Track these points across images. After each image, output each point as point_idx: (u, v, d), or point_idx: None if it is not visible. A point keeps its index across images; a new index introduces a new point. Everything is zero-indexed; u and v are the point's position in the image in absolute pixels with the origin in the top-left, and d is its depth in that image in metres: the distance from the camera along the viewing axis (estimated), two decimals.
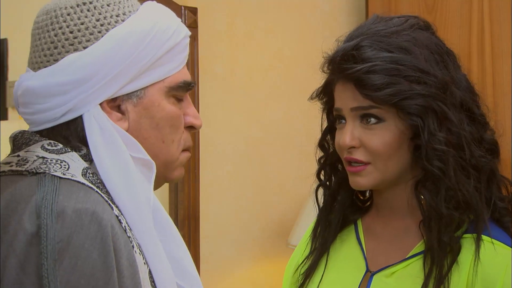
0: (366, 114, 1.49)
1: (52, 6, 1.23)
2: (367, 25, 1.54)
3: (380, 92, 1.45)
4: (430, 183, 1.48)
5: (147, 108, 1.24)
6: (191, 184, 2.69)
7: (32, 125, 1.24)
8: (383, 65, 1.46)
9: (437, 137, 1.46)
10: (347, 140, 1.49)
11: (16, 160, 1.18)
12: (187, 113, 1.30)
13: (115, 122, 1.21)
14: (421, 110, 1.46)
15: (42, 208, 1.07)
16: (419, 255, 1.51)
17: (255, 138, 2.95)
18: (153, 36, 1.22)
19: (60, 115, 1.20)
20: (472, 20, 2.73)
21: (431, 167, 1.46)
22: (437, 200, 1.47)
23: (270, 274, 2.97)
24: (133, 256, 1.13)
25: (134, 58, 1.20)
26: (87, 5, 1.22)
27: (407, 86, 1.45)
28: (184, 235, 2.66)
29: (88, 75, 1.18)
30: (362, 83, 1.46)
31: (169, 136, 1.26)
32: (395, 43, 1.49)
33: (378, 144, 1.48)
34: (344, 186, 1.62)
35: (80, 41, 1.20)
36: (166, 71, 1.25)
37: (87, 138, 1.20)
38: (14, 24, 3.04)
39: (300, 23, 3.07)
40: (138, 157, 1.21)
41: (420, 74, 1.47)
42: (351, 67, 1.47)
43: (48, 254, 1.05)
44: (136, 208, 1.17)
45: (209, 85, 2.77)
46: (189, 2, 2.72)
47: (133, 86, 1.22)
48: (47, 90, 1.19)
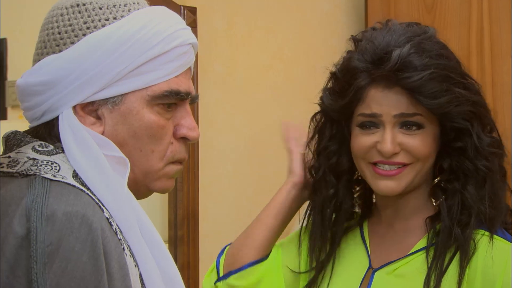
0: (408, 121, 1.50)
1: (56, 5, 1.23)
2: (398, 33, 1.52)
3: (437, 100, 1.47)
4: (474, 181, 1.52)
5: (124, 115, 1.21)
6: (191, 184, 2.69)
7: (28, 120, 1.26)
8: (438, 72, 1.47)
9: (484, 140, 1.51)
10: (389, 146, 1.49)
11: (7, 162, 1.17)
12: (181, 124, 1.26)
13: (89, 126, 1.19)
14: (470, 114, 1.50)
15: (32, 211, 1.07)
16: (421, 251, 1.54)
17: (254, 138, 2.95)
18: (133, 43, 1.19)
19: (39, 115, 1.21)
20: (471, 20, 2.73)
21: (479, 166, 1.51)
22: (480, 197, 1.51)
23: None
24: (124, 258, 1.13)
25: (109, 63, 1.18)
26: (79, 7, 1.21)
27: (458, 93, 1.48)
28: (183, 234, 2.66)
29: (60, 77, 1.18)
30: (420, 91, 1.47)
31: (147, 146, 1.23)
32: (433, 50, 1.50)
33: (420, 147, 1.51)
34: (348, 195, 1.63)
35: (65, 42, 1.19)
36: (149, 80, 1.21)
37: (61, 139, 1.19)
38: (13, 23, 3.04)
39: (299, 22, 3.06)
40: (111, 155, 1.18)
41: (464, 80, 1.51)
42: (410, 75, 1.46)
43: (37, 257, 1.04)
44: (115, 203, 1.16)
45: (208, 84, 2.76)
46: (188, 1, 2.71)
47: (109, 91, 1.19)
48: (27, 88, 1.21)
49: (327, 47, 3.05)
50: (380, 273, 1.56)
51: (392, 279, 1.55)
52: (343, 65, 1.57)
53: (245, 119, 2.93)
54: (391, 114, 1.50)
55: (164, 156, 1.25)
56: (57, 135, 1.20)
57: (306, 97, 3.16)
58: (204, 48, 2.76)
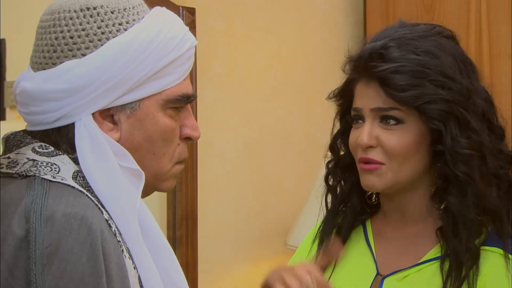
0: (386, 115, 1.49)
1: (57, 7, 1.21)
2: (394, 28, 1.54)
3: (405, 93, 1.45)
4: (456, 188, 1.48)
5: (141, 120, 1.22)
6: (189, 184, 2.68)
7: (28, 124, 1.23)
8: (410, 67, 1.46)
9: (460, 142, 1.46)
10: (365, 138, 1.49)
11: (7, 162, 1.17)
12: (184, 124, 1.27)
13: (106, 132, 1.20)
14: (444, 115, 1.46)
15: (31, 212, 1.07)
16: (434, 260, 1.51)
17: (253, 138, 2.95)
18: (153, 48, 1.20)
19: (52, 120, 1.19)
20: (469, 21, 2.73)
21: (456, 172, 1.46)
22: (465, 205, 1.47)
23: None
24: (123, 260, 1.13)
25: (131, 70, 1.18)
26: (90, 11, 1.19)
27: (432, 90, 1.46)
28: (182, 235, 2.66)
29: (83, 85, 1.17)
30: (387, 83, 1.46)
31: (160, 149, 1.24)
32: (422, 47, 1.49)
33: (396, 144, 1.48)
34: (356, 190, 1.61)
35: (79, 47, 1.18)
36: (164, 84, 1.22)
37: (76, 145, 1.18)
38: (12, 24, 3.04)
39: (298, 23, 3.06)
40: (127, 166, 1.19)
41: (446, 79, 1.47)
42: (379, 65, 1.47)
43: (36, 258, 1.05)
44: (122, 215, 1.16)
45: (207, 85, 2.76)
46: (187, 2, 2.71)
47: (128, 97, 1.20)
48: (41, 94, 1.18)
49: (326, 48, 3.05)
50: (390, 280, 1.54)
51: (403, 286, 1.52)
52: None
53: (244, 119, 2.93)
54: (369, 108, 1.50)
55: (172, 158, 1.27)
56: (70, 141, 1.19)
57: (304, 97, 3.17)
58: (203, 49, 2.76)
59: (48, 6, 1.24)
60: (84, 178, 1.17)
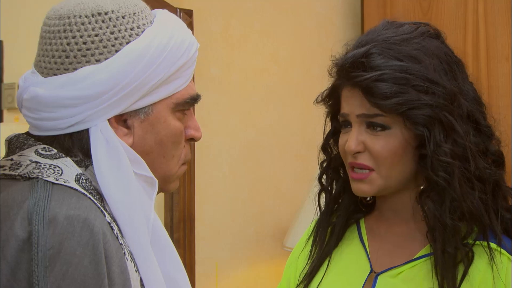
0: (371, 122, 1.49)
1: (65, 12, 1.20)
2: (377, 31, 1.54)
3: (388, 101, 1.45)
4: (435, 193, 1.48)
5: (153, 124, 1.23)
6: (187, 186, 2.69)
7: (34, 129, 1.22)
8: (392, 74, 1.46)
9: (443, 148, 1.46)
10: (352, 145, 1.49)
11: (9, 164, 1.17)
12: (188, 126, 1.29)
13: (121, 137, 1.20)
14: (428, 120, 1.46)
15: (33, 214, 1.07)
16: (426, 257, 1.52)
17: (250, 140, 2.95)
18: (167, 53, 1.21)
19: (65, 126, 1.19)
20: (467, 22, 2.73)
21: (436, 178, 1.46)
22: (441, 210, 1.47)
23: (266, 276, 2.97)
24: (125, 263, 1.13)
25: (148, 75, 1.19)
26: (102, 16, 1.19)
27: (415, 96, 1.45)
28: (179, 237, 2.66)
29: (101, 91, 1.17)
30: (370, 91, 1.46)
31: (170, 152, 1.26)
32: (404, 51, 1.49)
33: (382, 149, 1.49)
34: (348, 190, 1.61)
35: (93, 53, 1.18)
36: (175, 87, 1.24)
37: (91, 152, 1.18)
38: (9, 27, 3.04)
39: (295, 25, 3.07)
40: (141, 174, 1.20)
41: (429, 84, 1.47)
42: (360, 74, 1.47)
43: (39, 261, 1.05)
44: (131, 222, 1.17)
45: (204, 87, 2.76)
46: (184, 4, 2.71)
47: (143, 102, 1.21)
48: (56, 101, 1.17)
49: (322, 50, 3.06)
50: (384, 277, 1.55)
51: (397, 282, 1.53)
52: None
53: (241, 121, 2.93)
54: (355, 114, 1.50)
55: (179, 159, 1.28)
56: (84, 147, 1.19)
57: (301, 99, 3.17)
58: (200, 51, 2.74)
59: (52, 10, 1.23)
60: (87, 181, 1.17)
